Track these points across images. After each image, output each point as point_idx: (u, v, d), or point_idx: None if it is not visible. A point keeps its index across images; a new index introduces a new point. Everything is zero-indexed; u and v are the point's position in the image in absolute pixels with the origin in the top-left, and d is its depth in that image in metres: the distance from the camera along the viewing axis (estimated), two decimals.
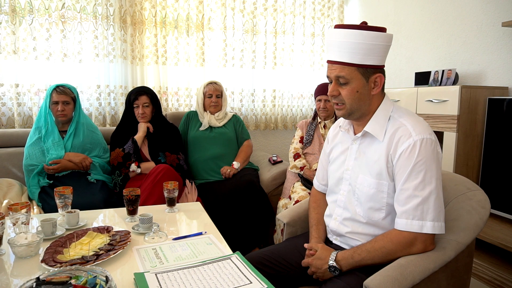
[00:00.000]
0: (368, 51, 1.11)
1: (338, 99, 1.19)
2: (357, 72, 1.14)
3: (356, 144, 1.25)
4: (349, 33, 1.11)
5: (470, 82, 2.43)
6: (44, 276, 0.92)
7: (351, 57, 1.12)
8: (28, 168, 2.12)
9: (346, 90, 1.16)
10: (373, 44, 1.11)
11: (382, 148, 1.15)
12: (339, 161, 1.31)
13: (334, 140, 1.38)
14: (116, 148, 2.27)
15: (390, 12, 3.15)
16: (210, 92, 2.60)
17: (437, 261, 1.05)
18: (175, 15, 2.97)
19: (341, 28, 1.14)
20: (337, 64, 1.15)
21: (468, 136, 2.16)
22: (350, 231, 1.23)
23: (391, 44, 1.16)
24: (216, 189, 2.35)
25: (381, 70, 1.17)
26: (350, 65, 1.13)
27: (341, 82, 1.16)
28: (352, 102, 1.17)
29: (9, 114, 2.60)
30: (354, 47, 1.11)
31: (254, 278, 1.05)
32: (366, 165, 1.19)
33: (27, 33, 2.57)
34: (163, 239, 1.35)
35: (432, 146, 1.09)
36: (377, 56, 1.13)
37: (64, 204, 1.51)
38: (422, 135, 1.09)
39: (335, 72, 1.16)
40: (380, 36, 1.12)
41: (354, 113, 1.20)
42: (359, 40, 1.10)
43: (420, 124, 1.12)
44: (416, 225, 1.06)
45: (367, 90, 1.16)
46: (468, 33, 2.44)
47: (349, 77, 1.14)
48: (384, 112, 1.18)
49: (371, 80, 1.16)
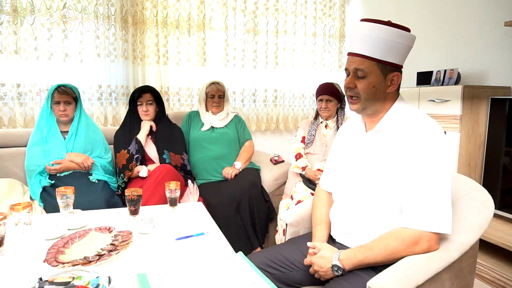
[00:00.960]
0: (390, 48, 1.12)
1: (353, 91, 1.19)
2: (376, 67, 1.14)
3: (367, 142, 1.24)
4: (374, 27, 1.11)
5: (473, 81, 2.42)
6: (47, 277, 0.91)
7: (373, 51, 1.12)
8: (30, 168, 2.12)
9: (363, 84, 1.16)
10: (396, 42, 1.11)
11: (393, 145, 1.15)
12: (349, 159, 1.30)
13: (345, 138, 1.37)
14: (122, 150, 2.26)
15: (391, 11, 3.15)
16: (213, 92, 2.60)
17: (441, 261, 1.04)
18: (176, 15, 2.97)
19: (366, 22, 1.14)
20: (357, 57, 1.15)
21: (471, 136, 2.15)
22: (356, 229, 1.22)
23: (412, 46, 1.16)
24: (217, 189, 2.35)
25: (399, 69, 1.17)
26: (371, 59, 1.13)
27: (359, 75, 1.16)
28: (368, 97, 1.16)
29: (10, 114, 2.60)
30: (377, 42, 1.11)
31: (257, 279, 1.05)
32: (376, 162, 1.18)
33: (28, 33, 2.57)
34: (165, 239, 1.35)
35: (442, 146, 1.09)
36: (398, 55, 1.14)
37: (66, 204, 1.51)
38: (433, 135, 1.09)
39: (355, 64, 1.16)
40: (403, 34, 1.12)
41: (367, 108, 1.19)
42: (382, 35, 1.10)
43: (432, 125, 1.12)
44: (421, 222, 1.05)
45: (383, 87, 1.16)
46: (471, 33, 2.44)
47: (368, 71, 1.14)
48: (397, 110, 1.19)
49: (388, 77, 1.16)
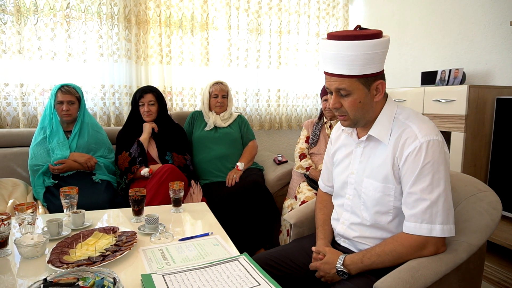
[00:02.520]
0: (367, 61, 1.06)
1: (340, 111, 1.15)
2: (358, 82, 1.09)
3: (360, 148, 1.22)
4: (345, 45, 1.04)
5: (478, 81, 2.40)
6: (51, 278, 0.91)
7: (350, 69, 1.07)
8: (33, 168, 2.12)
9: (348, 102, 1.11)
10: (372, 53, 1.05)
11: (387, 151, 1.12)
12: (344, 164, 1.29)
13: (338, 142, 1.35)
14: (123, 152, 2.26)
15: (395, 11, 3.13)
16: (216, 92, 2.59)
17: (448, 263, 1.03)
18: (179, 14, 2.96)
19: (334, 40, 1.06)
20: (336, 77, 1.10)
21: (476, 136, 2.14)
22: (357, 235, 1.21)
23: (388, 48, 1.10)
24: (221, 189, 2.34)
25: (381, 76, 1.13)
26: (350, 77, 1.08)
27: (342, 93, 1.11)
28: (356, 113, 1.13)
29: (14, 114, 2.60)
30: (351, 59, 1.05)
31: (262, 280, 1.04)
32: (371, 168, 1.16)
33: (32, 33, 2.56)
34: (169, 240, 1.34)
35: (439, 147, 1.06)
36: (376, 64, 1.08)
37: (70, 204, 1.51)
38: (428, 136, 1.06)
39: (335, 84, 1.11)
40: (377, 43, 1.05)
41: (359, 122, 1.17)
42: (355, 52, 1.04)
43: (426, 125, 1.09)
44: (425, 228, 1.04)
45: (370, 99, 1.12)
46: (476, 32, 2.42)
47: (351, 89, 1.10)
48: (388, 114, 1.15)
49: (372, 87, 1.11)
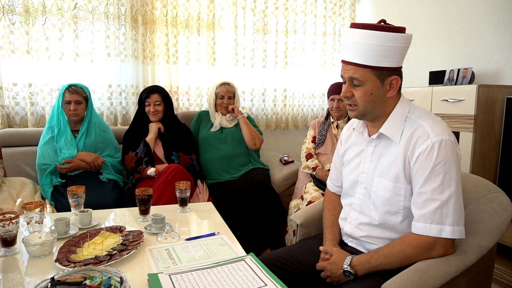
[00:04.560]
0: (384, 53, 1.07)
1: (351, 100, 1.16)
2: (372, 74, 1.10)
3: (371, 146, 1.21)
4: (365, 33, 1.07)
5: (487, 81, 2.37)
6: (59, 276, 0.91)
7: (366, 58, 1.08)
8: (41, 167, 2.13)
9: (359, 92, 1.12)
10: (390, 46, 1.06)
11: (398, 150, 1.12)
12: (354, 163, 1.28)
13: (348, 141, 1.35)
14: (130, 152, 2.26)
15: (403, 10, 3.10)
16: (222, 93, 2.59)
17: (458, 265, 1.02)
18: (186, 14, 2.97)
19: (356, 28, 1.09)
20: (351, 65, 1.11)
21: (485, 136, 2.11)
22: (365, 235, 1.20)
23: (409, 46, 1.11)
24: (227, 189, 2.34)
25: (397, 72, 1.13)
26: (365, 67, 1.09)
27: (355, 83, 1.12)
28: (366, 104, 1.13)
29: (22, 113, 2.63)
30: (369, 48, 1.06)
31: (269, 280, 1.04)
32: (382, 167, 1.16)
33: (40, 33, 2.59)
34: (175, 239, 1.34)
35: (452, 147, 1.05)
36: (393, 58, 1.09)
37: (77, 204, 1.51)
38: (440, 136, 1.05)
39: (349, 73, 1.12)
40: (397, 37, 1.07)
41: (367, 115, 1.17)
42: (375, 42, 1.06)
43: (439, 125, 1.08)
44: (434, 229, 1.03)
45: (382, 93, 1.13)
46: (485, 31, 2.39)
47: (363, 79, 1.10)
48: (400, 113, 1.15)
49: (386, 82, 1.12)
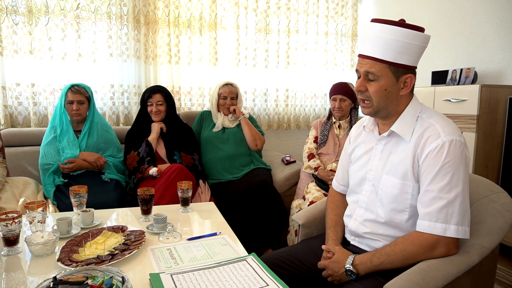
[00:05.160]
0: (403, 49, 1.08)
1: (364, 95, 1.16)
2: (388, 69, 1.10)
3: (381, 144, 1.21)
4: (385, 28, 1.08)
5: (490, 81, 2.36)
6: (61, 276, 0.91)
7: (384, 53, 1.09)
8: (44, 167, 2.14)
9: (374, 87, 1.12)
10: (409, 43, 1.07)
11: (408, 148, 1.12)
12: (362, 161, 1.28)
13: (357, 139, 1.34)
14: (132, 151, 2.27)
15: (405, 9, 3.10)
16: (225, 94, 2.59)
17: (460, 265, 1.01)
18: (188, 14, 2.97)
19: (377, 22, 1.10)
20: (368, 59, 1.12)
21: (488, 137, 2.10)
22: (370, 231, 1.20)
23: (426, 46, 1.12)
24: (229, 189, 2.34)
25: (413, 71, 1.13)
26: (382, 62, 1.10)
27: (370, 78, 1.13)
28: (379, 100, 1.13)
29: (25, 113, 2.64)
30: (388, 43, 1.07)
31: (270, 280, 1.03)
32: (391, 165, 1.16)
33: (43, 33, 2.60)
34: (177, 239, 1.34)
35: (461, 148, 1.05)
36: (411, 56, 1.10)
37: (79, 203, 1.52)
38: (451, 136, 1.06)
39: (365, 67, 1.13)
40: (417, 35, 1.08)
41: (380, 112, 1.16)
42: (394, 37, 1.07)
43: (450, 126, 1.09)
44: (439, 228, 1.03)
45: (396, 90, 1.13)
46: (488, 31, 2.38)
47: (379, 74, 1.11)
48: (412, 112, 1.15)
49: (401, 80, 1.12)
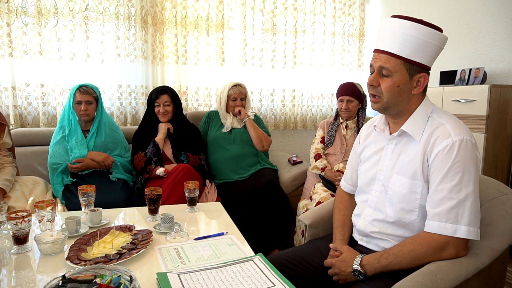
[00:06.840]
0: (420, 47, 1.07)
1: (376, 90, 1.15)
2: (402, 66, 1.10)
3: (392, 144, 1.21)
4: (404, 24, 1.07)
5: (499, 81, 2.33)
6: (70, 274, 0.92)
7: (401, 49, 1.08)
8: (53, 166, 2.16)
9: (386, 83, 1.12)
10: (426, 41, 1.07)
11: (418, 147, 1.11)
12: (372, 161, 1.27)
13: (367, 139, 1.34)
14: (139, 152, 2.28)
15: (413, 9, 3.07)
16: (235, 95, 2.59)
17: (469, 268, 1.00)
18: (195, 15, 2.98)
19: (397, 18, 1.10)
20: (384, 54, 1.11)
21: (498, 137, 2.08)
22: (378, 231, 1.19)
23: (443, 47, 1.11)
24: (235, 189, 2.34)
25: (427, 71, 1.12)
26: (397, 58, 1.09)
27: (384, 73, 1.12)
28: (390, 96, 1.12)
29: (34, 113, 2.67)
30: (406, 39, 1.07)
31: (277, 281, 1.03)
32: (401, 165, 1.15)
33: (52, 34, 2.63)
34: (184, 239, 1.35)
35: (472, 148, 1.04)
36: (426, 55, 1.09)
37: (88, 202, 1.53)
38: (461, 136, 1.05)
39: (380, 62, 1.12)
40: (435, 34, 1.07)
41: (390, 108, 1.16)
42: (412, 33, 1.06)
43: (460, 126, 1.08)
44: (449, 228, 1.01)
45: (408, 88, 1.12)
46: (498, 30, 2.35)
47: (393, 70, 1.10)
48: (423, 112, 1.14)
49: (414, 78, 1.11)
